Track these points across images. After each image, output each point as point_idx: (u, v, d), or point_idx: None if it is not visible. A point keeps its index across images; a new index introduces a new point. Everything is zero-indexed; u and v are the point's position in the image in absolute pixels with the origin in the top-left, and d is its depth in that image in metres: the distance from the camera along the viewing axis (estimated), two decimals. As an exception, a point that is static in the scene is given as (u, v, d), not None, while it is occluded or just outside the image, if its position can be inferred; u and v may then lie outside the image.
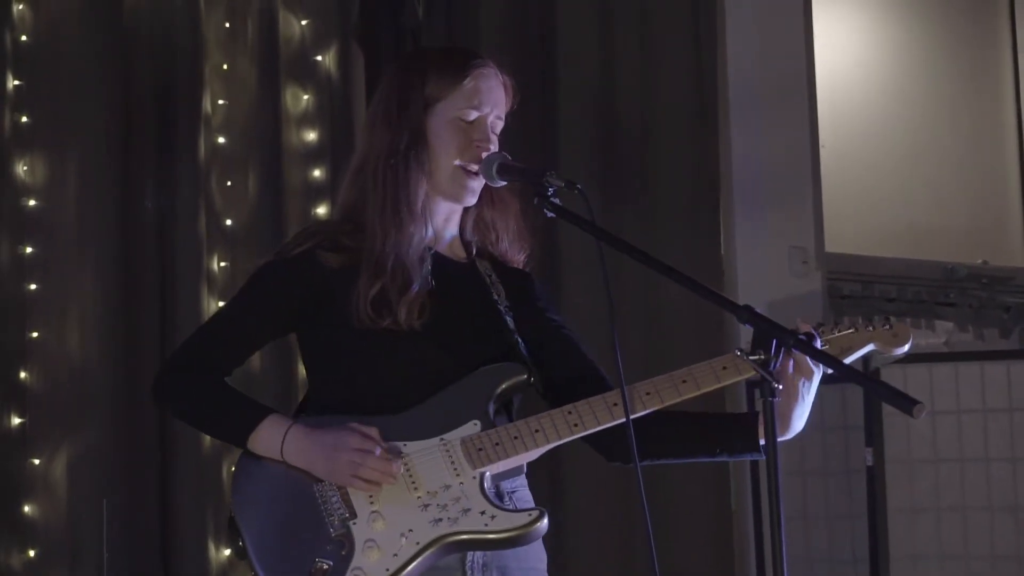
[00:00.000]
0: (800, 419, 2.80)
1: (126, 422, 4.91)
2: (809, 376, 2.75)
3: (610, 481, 5.14)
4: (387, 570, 2.69)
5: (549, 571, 2.94)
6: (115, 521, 4.69)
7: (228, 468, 4.97)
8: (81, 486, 4.84)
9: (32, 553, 4.79)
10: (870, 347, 2.86)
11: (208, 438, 4.83)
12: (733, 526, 5.61)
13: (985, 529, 5.44)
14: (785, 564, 2.33)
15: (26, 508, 4.81)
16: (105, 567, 4.44)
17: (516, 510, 2.77)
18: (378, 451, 2.74)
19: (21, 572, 4.77)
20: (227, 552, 4.94)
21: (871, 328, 2.85)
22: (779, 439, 2.81)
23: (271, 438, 2.79)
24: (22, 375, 4.87)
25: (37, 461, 4.84)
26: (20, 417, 4.85)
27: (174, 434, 4.91)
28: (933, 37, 6.88)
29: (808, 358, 2.72)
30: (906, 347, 2.85)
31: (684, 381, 2.81)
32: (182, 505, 4.92)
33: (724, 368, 2.81)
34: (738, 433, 2.87)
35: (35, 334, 4.90)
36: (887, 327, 2.85)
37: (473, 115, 2.90)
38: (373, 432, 2.76)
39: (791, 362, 2.70)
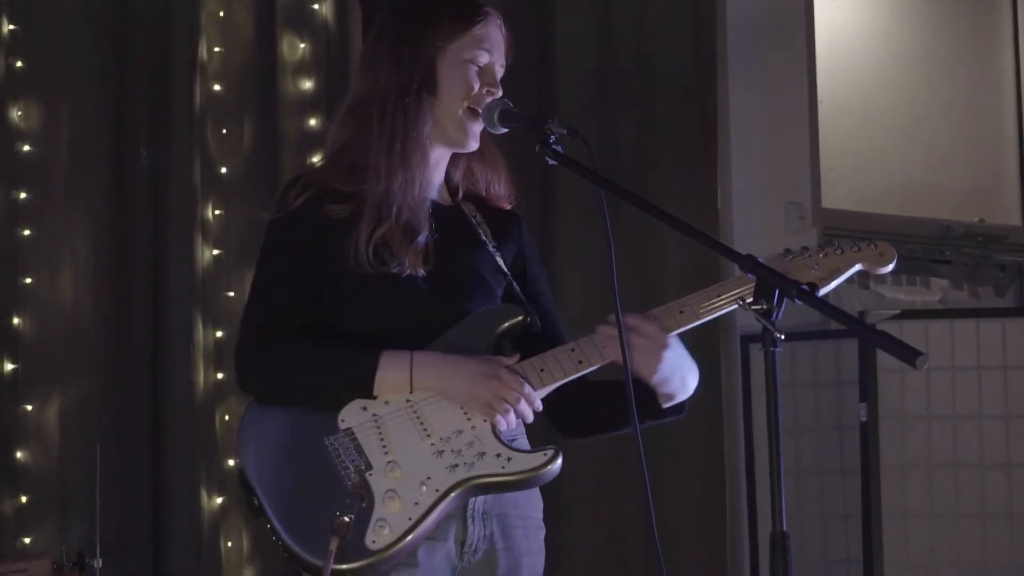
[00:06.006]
0: (675, 373, 2.80)
1: (119, 368, 4.90)
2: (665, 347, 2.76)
3: (602, 447, 5.10)
4: (410, 519, 2.65)
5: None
6: (107, 468, 4.68)
7: (221, 416, 4.96)
8: (73, 433, 4.83)
9: (24, 499, 4.79)
10: (858, 267, 2.86)
11: (201, 384, 4.84)
12: (726, 482, 5.60)
13: (976, 486, 5.44)
14: (784, 515, 2.32)
15: (18, 454, 4.81)
16: (97, 513, 4.43)
17: (531, 451, 2.75)
18: (526, 388, 2.72)
19: (13, 518, 4.77)
20: (219, 500, 4.93)
21: (857, 248, 2.85)
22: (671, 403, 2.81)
23: (396, 374, 2.72)
24: (15, 321, 4.86)
25: (30, 407, 4.83)
26: (13, 363, 4.84)
27: (166, 381, 4.90)
28: (933, -5, 6.85)
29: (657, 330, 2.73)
30: (891, 265, 2.86)
31: (681, 311, 2.81)
32: (174, 452, 4.91)
33: (719, 295, 2.81)
34: (650, 395, 2.82)
35: (28, 280, 4.89)
36: (872, 246, 2.85)
37: (484, 58, 2.87)
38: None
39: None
